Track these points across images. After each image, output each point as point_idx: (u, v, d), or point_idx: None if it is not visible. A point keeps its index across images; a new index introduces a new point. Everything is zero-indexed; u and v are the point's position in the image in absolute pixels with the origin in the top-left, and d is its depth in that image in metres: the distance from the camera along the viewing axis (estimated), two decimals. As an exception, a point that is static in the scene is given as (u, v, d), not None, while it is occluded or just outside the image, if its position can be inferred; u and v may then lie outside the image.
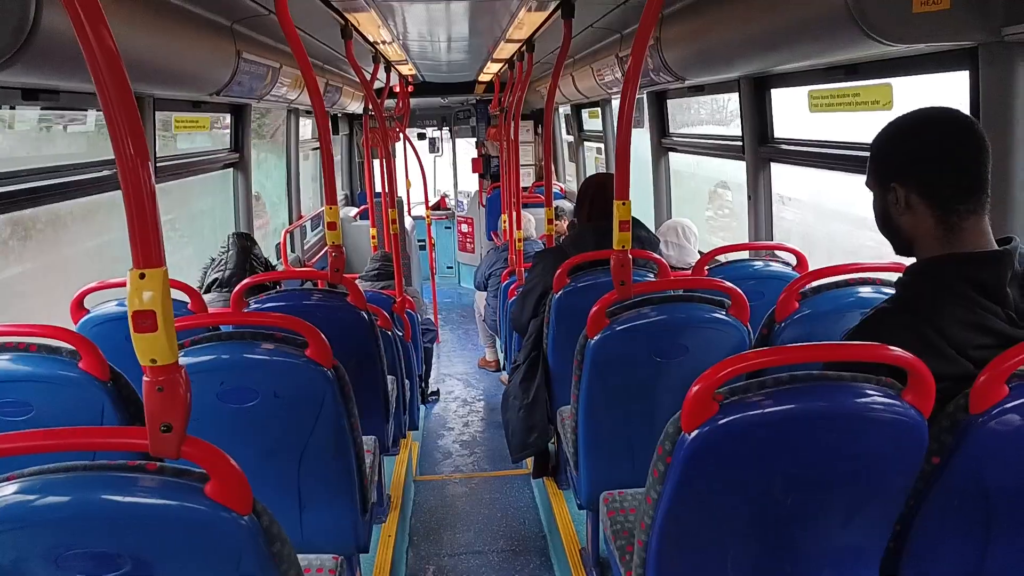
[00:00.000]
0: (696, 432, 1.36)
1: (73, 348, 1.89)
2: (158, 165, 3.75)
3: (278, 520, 1.27)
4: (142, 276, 1.12)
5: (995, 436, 1.38)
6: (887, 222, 1.57)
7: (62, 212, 3.36)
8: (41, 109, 3.03)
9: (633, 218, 3.12)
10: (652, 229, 3.69)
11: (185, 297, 2.78)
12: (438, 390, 6.31)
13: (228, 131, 4.87)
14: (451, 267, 10.72)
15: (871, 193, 1.60)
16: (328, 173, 3.11)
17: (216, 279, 3.59)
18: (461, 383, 6.66)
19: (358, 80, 4.24)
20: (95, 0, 1.08)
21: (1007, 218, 2.01)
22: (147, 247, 1.13)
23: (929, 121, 1.50)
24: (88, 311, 2.75)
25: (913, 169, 1.50)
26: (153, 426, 1.16)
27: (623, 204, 2.28)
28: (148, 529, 1.20)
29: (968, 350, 1.42)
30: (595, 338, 2.26)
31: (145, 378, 1.16)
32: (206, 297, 3.46)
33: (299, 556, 1.36)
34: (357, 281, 5.36)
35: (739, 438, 1.38)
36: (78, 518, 1.18)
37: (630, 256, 2.32)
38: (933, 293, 1.46)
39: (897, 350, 1.35)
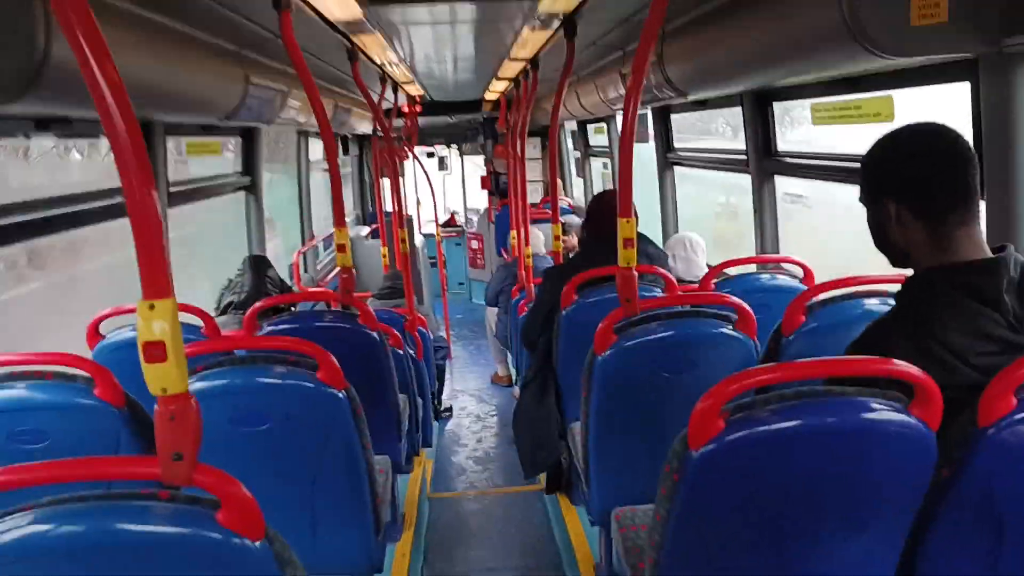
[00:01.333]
0: (703, 449, 1.36)
1: (88, 375, 1.92)
2: (171, 191, 3.80)
3: (291, 543, 1.28)
4: (152, 307, 1.15)
5: (1005, 448, 1.37)
6: (881, 236, 1.60)
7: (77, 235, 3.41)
8: (56, 137, 3.09)
9: (641, 234, 3.14)
10: (660, 243, 3.71)
11: (199, 321, 2.81)
12: (451, 407, 6.31)
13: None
14: (462, 283, 10.74)
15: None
16: (336, 195, 3.14)
17: (232, 301, 3.63)
18: (474, 399, 6.66)
19: (366, 101, 4.28)
20: (99, 34, 1.10)
21: (1011, 227, 2.00)
22: (156, 277, 1.15)
23: (911, 137, 1.54)
24: (104, 337, 2.79)
25: (900, 185, 1.53)
26: (164, 455, 1.18)
27: (627, 222, 2.29)
28: (162, 557, 1.21)
29: (970, 358, 1.42)
30: (603, 355, 2.27)
31: (157, 407, 1.18)
32: (221, 319, 3.51)
33: None
34: (370, 300, 5.40)
35: (746, 455, 1.38)
36: (93, 548, 1.19)
37: (635, 273, 2.33)
38: (931, 303, 1.47)
39: (903, 364, 1.35)
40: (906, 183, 1.52)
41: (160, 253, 1.15)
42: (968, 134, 1.93)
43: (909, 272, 1.58)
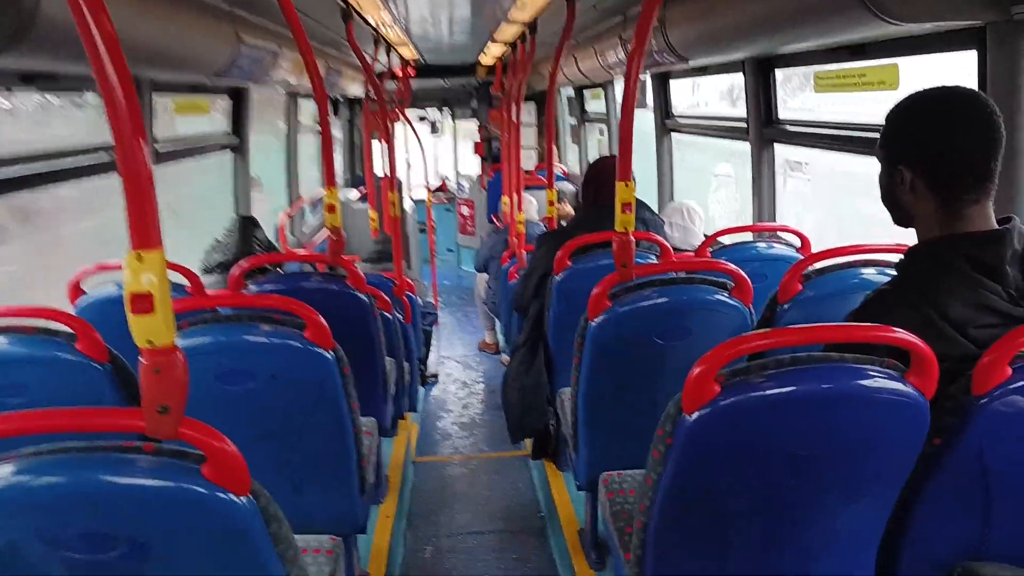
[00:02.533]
0: (697, 413, 1.35)
1: (71, 330, 1.88)
2: (158, 148, 3.73)
3: (276, 501, 1.27)
4: (139, 258, 1.12)
5: (998, 417, 1.37)
6: (890, 198, 1.56)
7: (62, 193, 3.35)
8: (39, 91, 3.01)
9: (637, 200, 3.10)
10: (656, 210, 3.67)
11: (184, 280, 2.77)
12: (437, 373, 6.30)
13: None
14: (451, 250, 10.69)
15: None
16: (327, 156, 3.09)
17: (219, 261, 3.58)
18: (460, 366, 6.66)
19: (359, 63, 4.21)
20: None
21: (1015, 200, 1.98)
22: (145, 229, 1.12)
23: (946, 107, 1.45)
24: (85, 293, 2.74)
25: (922, 159, 1.47)
26: (150, 407, 1.16)
27: (626, 185, 2.26)
28: (145, 510, 1.19)
29: (969, 329, 1.41)
30: (596, 320, 2.25)
31: (142, 360, 1.15)
32: (208, 279, 3.46)
33: (297, 536, 1.35)
34: (359, 263, 5.35)
35: (740, 420, 1.37)
36: (75, 499, 1.17)
37: (632, 238, 2.30)
38: (933, 273, 1.45)
39: (900, 331, 1.35)
40: (928, 160, 1.46)
41: (150, 204, 1.12)
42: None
43: (907, 242, 1.57)
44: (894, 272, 1.57)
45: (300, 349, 2.00)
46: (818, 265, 2.17)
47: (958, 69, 2.22)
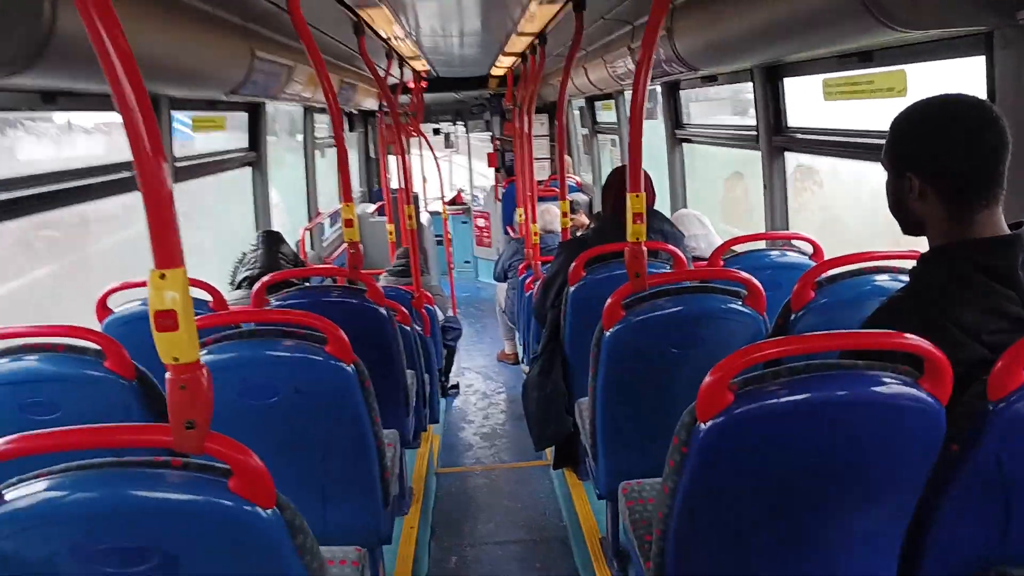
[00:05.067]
0: (711, 422, 1.37)
1: (99, 347, 1.93)
2: (176, 166, 3.79)
3: (301, 514, 1.30)
4: (163, 276, 1.15)
5: (1014, 422, 1.37)
6: (899, 206, 1.57)
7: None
8: (61, 111, 3.08)
9: (657, 211, 3.12)
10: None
11: (207, 296, 2.82)
12: (457, 384, 6.33)
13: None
14: (468, 261, 10.73)
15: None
16: (343, 170, 3.13)
17: (247, 277, 3.64)
18: (480, 376, 6.68)
19: (372, 76, 4.26)
20: (108, 4, 1.10)
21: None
22: (167, 247, 1.15)
23: (952, 113, 1.47)
24: (112, 311, 2.80)
25: (931, 164, 1.48)
26: (177, 423, 1.19)
27: (636, 196, 2.28)
28: (174, 524, 1.23)
29: (982, 335, 1.41)
30: (611, 330, 2.27)
31: (168, 376, 1.19)
32: (236, 294, 3.52)
33: (322, 548, 1.38)
34: (382, 277, 5.41)
35: (755, 427, 1.38)
36: (106, 514, 1.21)
37: (644, 248, 2.32)
38: (945, 280, 1.46)
39: (913, 338, 1.35)
40: (937, 164, 1.47)
41: (171, 223, 1.15)
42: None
43: (918, 247, 1.57)
44: (906, 278, 1.57)
45: (321, 363, 2.04)
46: (831, 272, 2.18)
47: (966, 75, 2.23)
